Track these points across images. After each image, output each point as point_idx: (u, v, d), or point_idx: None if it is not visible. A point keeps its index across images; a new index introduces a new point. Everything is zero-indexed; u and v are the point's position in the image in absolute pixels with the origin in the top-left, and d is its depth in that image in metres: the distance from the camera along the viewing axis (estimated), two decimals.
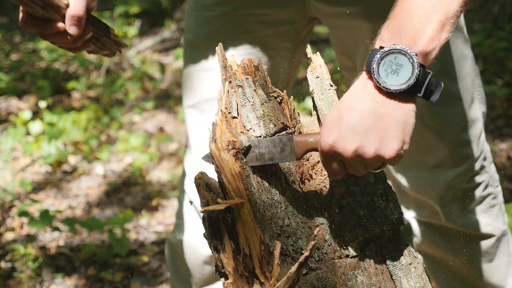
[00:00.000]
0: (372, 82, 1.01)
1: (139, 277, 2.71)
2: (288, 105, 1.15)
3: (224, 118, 1.11)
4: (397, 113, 1.00)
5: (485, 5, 5.21)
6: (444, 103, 1.55)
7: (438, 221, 1.68)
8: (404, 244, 1.14)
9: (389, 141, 1.00)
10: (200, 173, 1.06)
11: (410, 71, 1.00)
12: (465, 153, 1.60)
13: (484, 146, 1.65)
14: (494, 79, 4.11)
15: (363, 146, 1.00)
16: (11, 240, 2.94)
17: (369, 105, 1.01)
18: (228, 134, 1.07)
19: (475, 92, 1.62)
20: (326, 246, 1.10)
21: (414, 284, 1.11)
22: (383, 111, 1.00)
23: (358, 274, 1.10)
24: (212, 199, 1.04)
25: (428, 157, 1.62)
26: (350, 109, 1.01)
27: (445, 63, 1.54)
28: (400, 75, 1.00)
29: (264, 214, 1.06)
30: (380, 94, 1.01)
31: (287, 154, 1.08)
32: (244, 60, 1.14)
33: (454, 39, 1.55)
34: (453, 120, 1.58)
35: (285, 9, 1.57)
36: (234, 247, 1.05)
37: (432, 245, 1.73)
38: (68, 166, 3.72)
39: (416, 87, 1.01)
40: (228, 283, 1.05)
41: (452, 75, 1.55)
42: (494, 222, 1.69)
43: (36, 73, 5.04)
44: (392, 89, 1.00)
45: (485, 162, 1.65)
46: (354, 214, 1.12)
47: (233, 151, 1.06)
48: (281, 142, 1.08)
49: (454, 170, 1.60)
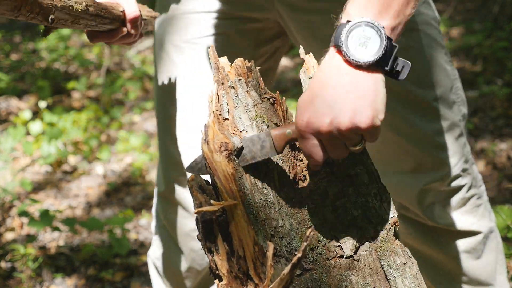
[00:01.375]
0: (340, 56, 1.03)
1: (139, 277, 2.71)
2: (281, 106, 1.16)
3: (216, 119, 1.11)
4: (367, 83, 1.02)
5: (485, 5, 5.21)
6: (420, 112, 1.57)
7: (422, 220, 1.69)
8: (398, 244, 1.14)
9: (363, 110, 1.00)
10: (193, 175, 1.07)
11: (378, 43, 1.01)
12: (442, 157, 1.61)
13: (465, 148, 1.66)
14: (494, 79, 4.12)
15: (338, 117, 1.00)
16: (11, 240, 2.94)
17: (339, 79, 1.02)
18: (220, 135, 1.07)
19: (453, 96, 1.63)
20: (321, 247, 1.10)
21: (409, 284, 1.11)
22: (354, 82, 1.01)
23: (353, 275, 1.10)
24: (205, 200, 1.04)
25: (405, 163, 1.63)
26: (321, 85, 1.03)
27: (419, 73, 1.54)
28: (369, 48, 1.01)
29: (258, 216, 1.06)
30: (349, 67, 1.02)
31: (268, 150, 1.08)
32: (237, 62, 1.15)
33: (425, 47, 1.56)
34: (429, 128, 1.59)
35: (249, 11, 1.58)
36: (228, 249, 1.05)
37: (417, 240, 1.73)
38: (68, 166, 3.73)
39: (384, 59, 1.02)
40: (222, 285, 1.05)
41: (425, 84, 1.57)
42: (480, 221, 1.70)
43: (36, 73, 5.04)
44: (361, 61, 1.01)
45: (466, 165, 1.65)
46: (348, 215, 1.12)
47: (225, 153, 1.06)
48: (259, 139, 1.08)
49: (432, 174, 1.61)
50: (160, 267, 1.82)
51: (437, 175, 1.62)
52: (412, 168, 1.62)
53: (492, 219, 1.74)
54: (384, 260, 1.12)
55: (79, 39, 5.75)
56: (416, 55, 1.54)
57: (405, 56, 1.52)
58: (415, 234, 1.73)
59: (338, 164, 1.14)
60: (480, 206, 1.70)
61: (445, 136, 1.60)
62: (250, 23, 1.61)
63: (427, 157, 1.61)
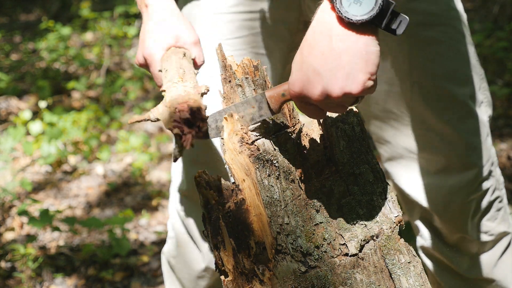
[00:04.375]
0: (334, 12, 0.98)
1: (139, 277, 2.71)
2: (287, 104, 1.15)
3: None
4: (357, 45, 0.97)
5: (485, 5, 5.22)
6: (450, 108, 1.54)
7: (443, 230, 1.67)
8: (403, 243, 1.14)
9: (354, 75, 0.97)
10: (200, 171, 1.06)
11: (373, 0, 0.97)
12: (471, 159, 1.57)
13: (491, 150, 1.62)
14: (494, 79, 4.11)
15: (328, 85, 0.98)
16: (11, 240, 2.94)
17: (328, 42, 0.98)
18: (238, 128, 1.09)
19: (481, 96, 1.60)
20: (326, 245, 1.10)
21: (413, 282, 1.11)
22: (343, 46, 0.97)
23: (357, 273, 1.10)
24: (212, 197, 1.04)
25: (432, 162, 1.59)
26: (311, 48, 0.99)
27: (450, 68, 1.53)
28: (363, 5, 0.96)
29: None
30: (340, 26, 0.97)
31: (265, 111, 1.08)
32: (244, 60, 1.15)
33: (458, 43, 1.54)
34: (460, 126, 1.55)
35: (278, 9, 1.55)
36: (234, 245, 1.05)
37: (438, 250, 1.72)
38: (68, 166, 3.72)
39: (378, 18, 0.97)
40: (228, 281, 1.05)
41: (458, 81, 1.54)
42: (499, 226, 1.67)
43: (36, 73, 5.04)
44: (354, 19, 0.96)
45: (492, 167, 1.62)
46: (354, 213, 1.12)
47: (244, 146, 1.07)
48: (256, 101, 1.08)
49: (460, 175, 1.57)
50: (175, 265, 1.79)
51: (466, 177, 1.57)
52: (439, 168, 1.58)
53: (510, 222, 1.70)
54: (389, 258, 1.12)
55: (79, 39, 5.75)
56: (447, 51, 1.51)
57: (437, 51, 1.48)
58: (437, 244, 1.71)
59: (343, 163, 1.14)
60: (500, 210, 1.66)
61: (475, 136, 1.56)
62: (282, 25, 1.58)
63: (457, 157, 1.56)
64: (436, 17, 1.50)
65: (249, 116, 1.09)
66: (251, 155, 1.08)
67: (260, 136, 1.10)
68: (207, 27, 1.55)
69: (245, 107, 1.08)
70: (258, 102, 1.08)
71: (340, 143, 1.14)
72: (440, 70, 1.53)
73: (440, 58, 1.52)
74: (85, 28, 5.83)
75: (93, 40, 5.64)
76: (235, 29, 1.55)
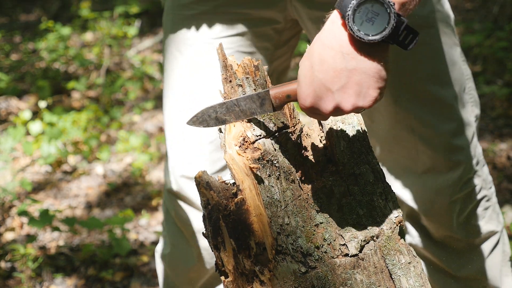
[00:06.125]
0: (344, 29, 0.97)
1: (139, 277, 2.71)
2: (288, 104, 1.15)
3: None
4: (369, 64, 0.98)
5: (485, 5, 5.21)
6: (433, 111, 1.55)
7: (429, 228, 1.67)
8: (403, 243, 1.14)
9: (366, 93, 0.99)
10: (201, 171, 1.06)
11: (386, 20, 0.96)
12: (456, 159, 1.58)
13: (476, 149, 1.64)
14: (494, 79, 4.11)
15: (341, 103, 1.00)
16: (11, 240, 2.94)
17: (340, 60, 0.98)
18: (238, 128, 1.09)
19: (467, 96, 1.61)
20: (326, 245, 1.10)
21: (413, 283, 1.11)
22: (354, 65, 0.98)
23: (358, 273, 1.10)
24: (212, 197, 1.04)
25: (418, 164, 1.61)
26: (321, 64, 0.99)
27: (434, 69, 1.53)
28: (375, 24, 0.96)
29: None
30: (350, 44, 0.97)
31: (267, 107, 1.09)
32: (244, 60, 1.15)
33: (443, 44, 1.54)
34: (444, 128, 1.56)
35: (266, 9, 1.56)
36: (234, 246, 1.05)
37: (427, 249, 1.72)
38: (68, 166, 3.72)
39: (390, 37, 0.97)
40: (228, 281, 1.05)
41: (441, 82, 1.55)
42: (487, 225, 1.68)
43: (36, 73, 5.03)
44: (366, 39, 0.96)
45: (477, 167, 1.63)
46: (354, 213, 1.12)
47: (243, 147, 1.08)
48: (259, 97, 1.09)
49: (445, 175, 1.59)
50: (168, 263, 1.80)
51: (451, 177, 1.59)
52: (425, 169, 1.60)
53: (500, 221, 1.71)
54: (389, 259, 1.12)
55: (79, 39, 5.74)
56: (433, 53, 1.52)
57: (422, 53, 1.49)
58: (424, 243, 1.72)
59: (344, 163, 1.14)
60: (488, 209, 1.68)
61: (460, 137, 1.58)
62: (269, 25, 1.59)
63: (441, 158, 1.58)
64: (422, 20, 1.51)
65: (250, 110, 1.09)
66: (251, 156, 1.08)
67: (260, 137, 1.10)
68: (193, 27, 1.56)
69: (247, 102, 1.09)
70: (261, 98, 1.09)
71: (340, 143, 1.14)
72: (425, 72, 1.54)
73: (425, 60, 1.53)
74: (85, 28, 5.83)
75: (93, 40, 5.64)
76: (221, 28, 1.56)
